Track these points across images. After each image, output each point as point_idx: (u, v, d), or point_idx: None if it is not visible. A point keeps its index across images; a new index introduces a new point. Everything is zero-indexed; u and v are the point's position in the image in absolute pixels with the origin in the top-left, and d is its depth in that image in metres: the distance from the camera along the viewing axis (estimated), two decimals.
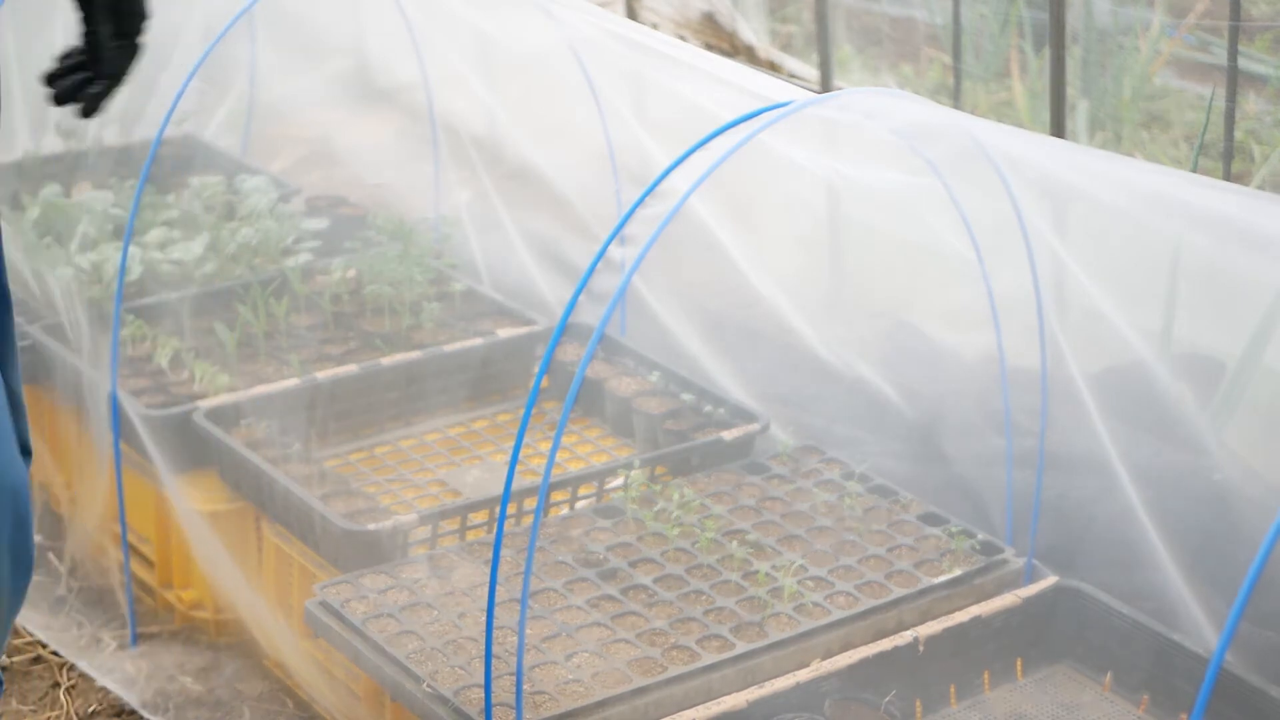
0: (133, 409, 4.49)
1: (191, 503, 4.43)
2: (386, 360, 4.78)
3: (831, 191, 5.07)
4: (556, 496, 4.31)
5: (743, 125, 3.28)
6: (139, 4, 3.08)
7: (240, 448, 4.37)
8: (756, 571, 3.99)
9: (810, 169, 4.01)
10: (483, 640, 3.69)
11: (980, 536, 4.10)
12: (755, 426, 4.54)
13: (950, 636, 3.82)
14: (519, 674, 3.33)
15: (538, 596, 3.91)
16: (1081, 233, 3.95)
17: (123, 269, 4.53)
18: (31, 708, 4.40)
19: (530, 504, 4.23)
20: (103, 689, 4.42)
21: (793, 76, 7.04)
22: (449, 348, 4.86)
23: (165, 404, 4.57)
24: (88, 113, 3.11)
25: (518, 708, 3.36)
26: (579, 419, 4.82)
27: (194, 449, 4.48)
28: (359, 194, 5.85)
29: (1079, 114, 6.33)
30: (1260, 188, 5.60)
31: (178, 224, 5.35)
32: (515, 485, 4.16)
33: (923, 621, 3.87)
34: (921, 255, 4.55)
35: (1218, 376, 4.30)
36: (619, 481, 4.36)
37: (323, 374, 4.70)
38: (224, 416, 4.52)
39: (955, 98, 6.32)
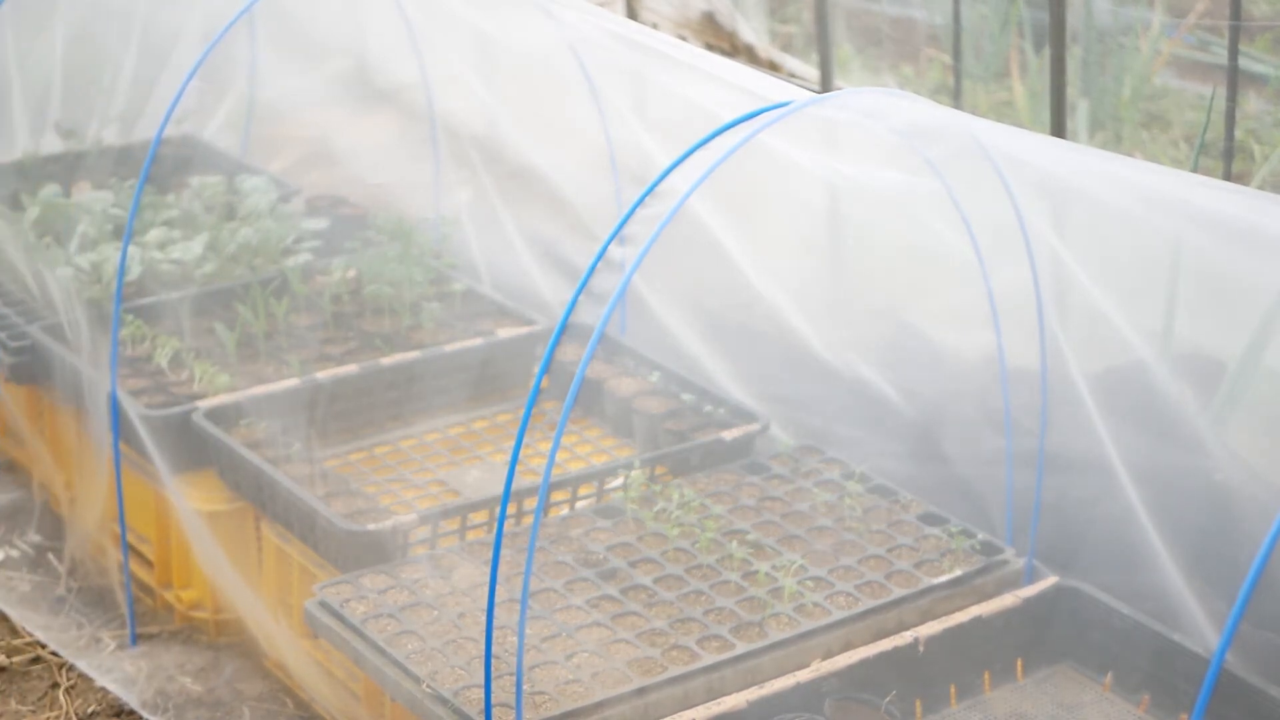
0: (133, 409, 4.49)
1: (191, 503, 4.42)
2: (386, 360, 4.78)
3: (831, 191, 5.06)
4: (556, 496, 4.31)
5: (743, 125, 3.28)
6: None
7: (240, 448, 4.37)
8: (756, 572, 3.99)
9: (810, 169, 4.00)
10: (483, 640, 3.69)
11: (980, 536, 4.10)
12: (755, 426, 4.54)
13: (950, 637, 3.81)
14: (519, 674, 3.33)
15: (538, 596, 3.91)
16: (1081, 233, 3.95)
17: (122, 269, 4.52)
18: (31, 708, 4.40)
19: (530, 504, 4.22)
20: (102, 689, 4.42)
21: (793, 76, 7.04)
22: (449, 348, 4.86)
23: (165, 404, 4.57)
24: None
25: (518, 708, 3.36)
26: (579, 419, 4.82)
27: (194, 449, 4.48)
28: (359, 194, 5.85)
29: (1079, 114, 6.33)
30: (1260, 188, 5.60)
31: (178, 224, 5.35)
32: (515, 485, 4.15)
33: (923, 622, 3.87)
34: (921, 255, 4.55)
35: (1218, 376, 4.29)
36: (619, 481, 4.36)
37: (323, 374, 4.70)
38: (224, 416, 4.52)
39: (955, 98, 6.31)
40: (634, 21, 5.52)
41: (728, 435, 4.49)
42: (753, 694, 3.60)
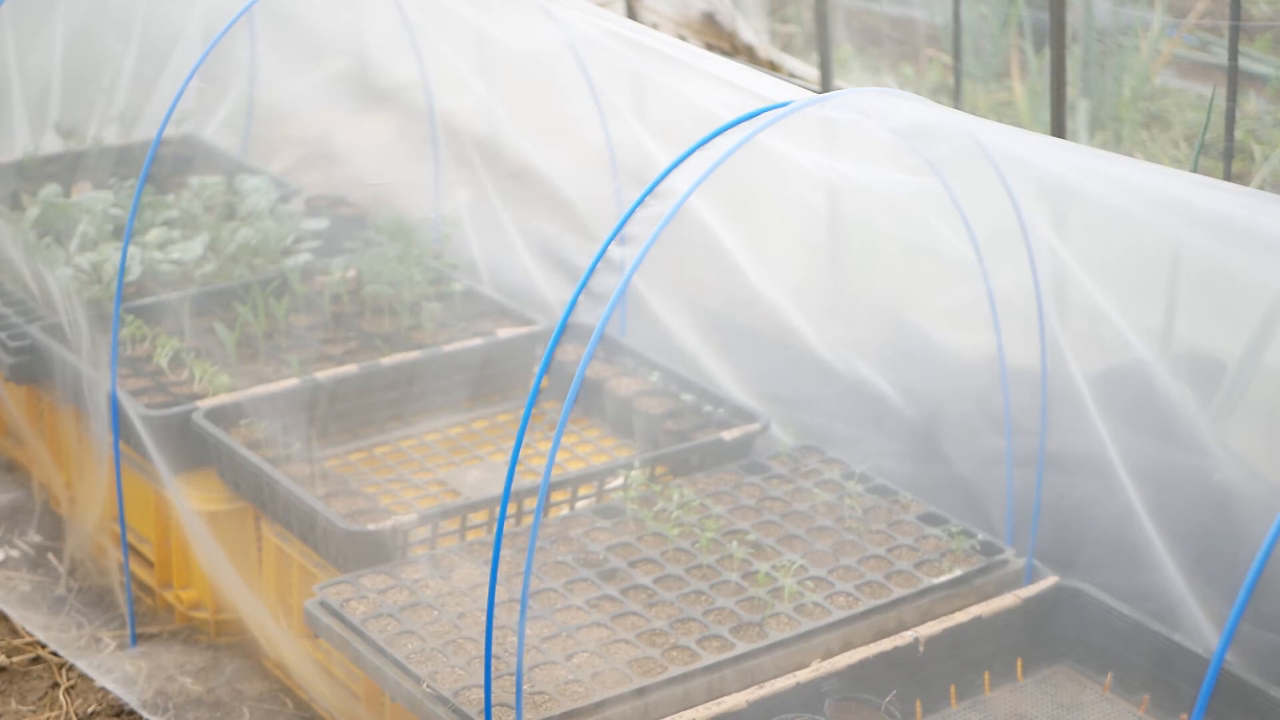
0: (133, 409, 4.49)
1: (191, 503, 4.42)
2: (386, 360, 4.78)
3: (831, 191, 5.06)
4: (556, 496, 4.31)
5: (743, 125, 3.28)
6: None
7: (240, 448, 4.37)
8: (756, 572, 3.99)
9: (810, 169, 4.00)
10: (483, 640, 3.69)
11: (980, 536, 4.10)
12: (755, 426, 4.54)
13: (950, 637, 3.82)
14: (519, 674, 3.33)
15: (538, 596, 3.91)
16: (1081, 233, 3.95)
17: (122, 269, 4.52)
18: (31, 708, 4.40)
19: (530, 504, 4.23)
20: (102, 689, 4.42)
21: (793, 76, 7.04)
22: (449, 348, 4.86)
23: (165, 404, 4.57)
24: None
25: (517, 708, 3.36)
26: (579, 419, 4.82)
27: (194, 449, 4.48)
28: (359, 194, 5.85)
29: (1079, 114, 6.33)
30: (1260, 188, 5.60)
31: (178, 224, 5.35)
32: (515, 485, 4.16)
33: (923, 622, 3.87)
34: (921, 255, 4.55)
35: (1218, 376, 4.29)
36: (619, 481, 4.36)
37: (323, 374, 4.70)
38: (224, 416, 4.52)
39: (955, 98, 6.32)
40: (634, 21, 5.52)
41: (728, 435, 4.49)
42: (753, 694, 3.60)
